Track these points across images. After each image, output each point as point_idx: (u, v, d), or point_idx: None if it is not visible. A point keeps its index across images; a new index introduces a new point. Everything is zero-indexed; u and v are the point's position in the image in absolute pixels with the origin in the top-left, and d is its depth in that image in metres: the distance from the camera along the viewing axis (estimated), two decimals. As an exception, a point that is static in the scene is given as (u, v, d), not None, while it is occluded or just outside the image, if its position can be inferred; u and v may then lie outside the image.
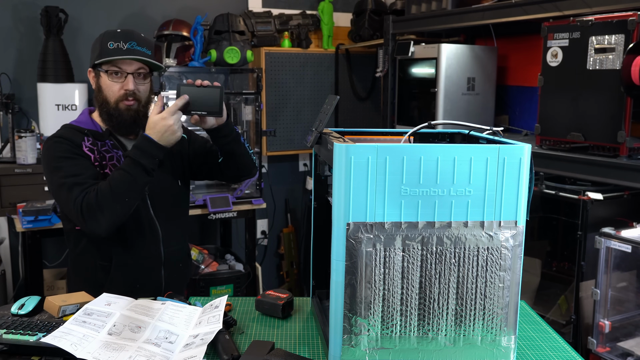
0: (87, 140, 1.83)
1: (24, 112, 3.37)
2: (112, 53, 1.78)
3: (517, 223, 1.26)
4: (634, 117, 2.18)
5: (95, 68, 1.84)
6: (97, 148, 1.83)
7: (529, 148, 1.25)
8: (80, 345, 1.30)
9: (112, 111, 1.83)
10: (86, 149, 1.81)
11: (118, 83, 1.82)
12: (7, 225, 3.20)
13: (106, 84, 1.82)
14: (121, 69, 1.81)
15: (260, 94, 3.59)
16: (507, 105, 3.41)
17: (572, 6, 2.36)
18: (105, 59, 1.78)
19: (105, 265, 1.86)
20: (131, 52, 1.80)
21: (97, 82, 1.85)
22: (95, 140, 1.84)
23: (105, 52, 1.79)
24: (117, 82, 1.81)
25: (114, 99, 1.82)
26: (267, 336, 1.51)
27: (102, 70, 1.82)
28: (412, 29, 3.39)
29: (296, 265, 4.24)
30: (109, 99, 1.82)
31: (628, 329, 2.25)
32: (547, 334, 1.57)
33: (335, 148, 1.21)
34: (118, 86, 1.81)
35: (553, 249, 2.80)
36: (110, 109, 1.83)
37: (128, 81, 1.81)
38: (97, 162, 1.81)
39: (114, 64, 1.80)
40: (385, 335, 1.27)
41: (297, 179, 4.29)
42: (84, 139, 1.82)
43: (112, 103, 1.82)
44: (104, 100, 1.83)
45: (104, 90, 1.83)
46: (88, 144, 1.82)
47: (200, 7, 3.74)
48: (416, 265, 1.25)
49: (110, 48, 1.79)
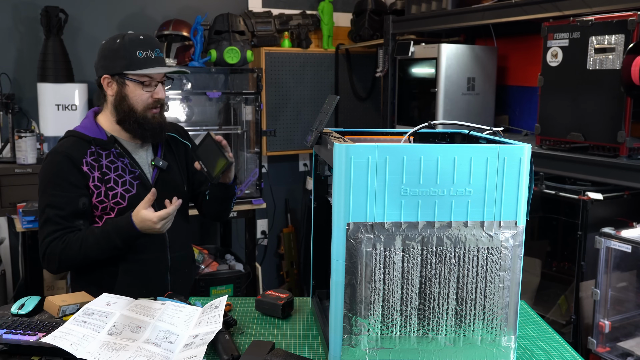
0: (91, 152, 1.82)
1: (24, 112, 3.37)
2: (143, 63, 1.80)
3: (517, 223, 1.26)
4: (634, 117, 2.18)
5: (117, 76, 1.82)
6: (101, 162, 1.83)
7: (529, 148, 1.25)
8: (80, 345, 1.30)
9: (140, 120, 1.83)
10: (86, 166, 1.81)
11: (148, 92, 1.83)
12: (7, 225, 3.20)
13: (135, 93, 1.82)
14: (152, 77, 1.82)
15: (260, 94, 3.59)
16: (507, 105, 3.41)
17: (572, 6, 2.36)
18: (139, 71, 1.79)
19: (112, 270, 1.86)
20: (159, 61, 1.83)
21: (120, 90, 1.83)
22: (99, 151, 1.84)
23: (136, 62, 1.79)
24: (147, 92, 1.83)
25: (142, 107, 1.83)
26: (267, 336, 1.52)
27: (131, 80, 1.81)
28: (412, 29, 3.38)
29: (296, 265, 4.24)
30: (136, 107, 1.82)
31: (628, 329, 2.25)
32: (547, 334, 1.57)
33: (335, 148, 1.21)
34: (148, 95, 1.83)
35: (553, 249, 2.79)
36: (139, 117, 1.83)
37: (159, 90, 1.84)
38: (94, 182, 1.81)
39: (145, 74, 1.81)
40: (385, 335, 1.27)
41: (297, 179, 4.29)
42: (87, 152, 1.82)
43: (141, 111, 1.83)
44: (130, 108, 1.83)
45: (130, 99, 1.82)
46: (90, 160, 1.82)
47: (200, 7, 3.74)
48: (416, 265, 1.25)
49: (140, 57, 1.79)
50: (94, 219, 1.85)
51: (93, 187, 1.81)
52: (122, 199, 1.84)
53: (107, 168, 1.83)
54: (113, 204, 1.83)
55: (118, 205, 1.83)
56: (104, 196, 1.82)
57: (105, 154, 1.85)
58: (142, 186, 1.87)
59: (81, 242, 1.76)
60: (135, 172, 1.87)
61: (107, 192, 1.82)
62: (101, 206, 1.83)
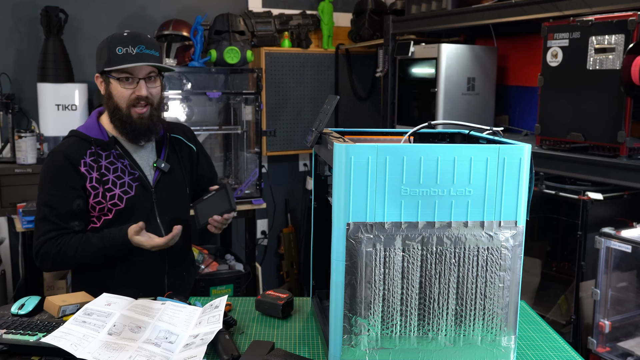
0: (90, 153, 1.82)
1: (24, 112, 3.37)
2: (121, 59, 1.76)
3: (517, 223, 1.26)
4: (634, 117, 2.18)
5: (103, 74, 1.82)
6: (100, 162, 1.83)
7: (529, 148, 1.25)
8: (80, 345, 1.30)
9: (124, 118, 1.82)
10: (84, 167, 1.81)
11: (129, 89, 1.80)
12: (7, 225, 3.21)
13: (117, 91, 1.80)
14: (132, 74, 1.79)
15: (260, 94, 3.59)
16: (507, 105, 3.41)
17: (572, 6, 2.36)
18: (116, 67, 1.76)
19: (109, 271, 1.86)
20: (141, 57, 1.78)
21: (106, 88, 1.82)
22: (99, 151, 1.83)
23: (115, 59, 1.77)
24: (128, 89, 1.80)
25: (125, 104, 1.81)
26: (267, 336, 1.51)
27: (112, 77, 1.80)
28: (412, 29, 3.38)
29: (296, 265, 4.24)
30: (120, 105, 1.81)
31: (628, 329, 2.25)
32: (547, 334, 1.57)
33: (335, 148, 1.21)
34: (129, 92, 1.80)
35: (553, 249, 2.79)
36: (123, 115, 1.82)
37: (140, 87, 1.80)
38: (92, 183, 1.81)
39: (125, 70, 1.78)
40: (385, 335, 1.27)
41: (297, 179, 4.28)
42: (86, 153, 1.82)
43: (124, 109, 1.81)
44: (115, 106, 1.82)
45: (114, 97, 1.81)
46: (89, 160, 1.81)
47: (200, 7, 3.74)
48: (416, 265, 1.25)
49: (119, 54, 1.76)
50: (92, 219, 1.85)
51: (90, 188, 1.81)
52: (119, 200, 1.83)
53: (106, 169, 1.83)
54: (110, 205, 1.82)
55: (116, 207, 1.83)
56: (101, 197, 1.81)
57: (105, 154, 1.84)
58: (142, 188, 1.87)
59: (76, 248, 1.78)
60: (134, 173, 1.86)
61: (105, 194, 1.81)
62: (98, 207, 1.82)
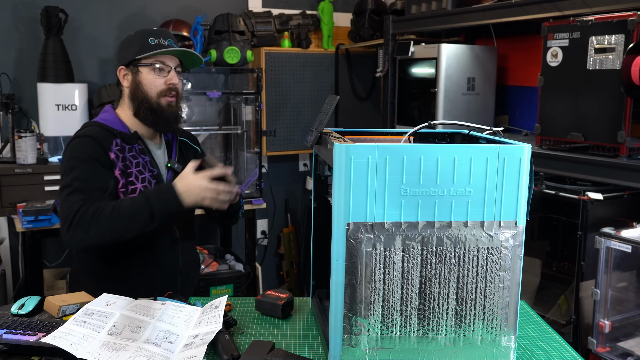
0: (116, 143, 1.79)
1: (24, 112, 3.37)
2: (155, 48, 1.80)
3: (517, 223, 1.26)
4: (634, 117, 2.18)
5: (130, 65, 1.83)
6: (124, 154, 1.80)
7: (529, 148, 1.25)
8: (80, 345, 1.30)
9: (155, 106, 1.82)
10: (113, 154, 1.77)
11: (162, 77, 1.82)
12: (7, 225, 3.20)
13: (148, 79, 1.82)
14: (164, 63, 1.82)
15: (260, 94, 3.59)
16: (507, 105, 3.41)
17: (572, 6, 2.36)
18: (152, 52, 1.79)
19: (125, 273, 1.84)
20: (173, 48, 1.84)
21: (134, 78, 1.83)
22: (123, 144, 1.81)
23: (149, 47, 1.80)
24: (160, 77, 1.82)
25: (156, 93, 1.82)
26: (267, 336, 1.51)
27: (143, 65, 1.81)
28: (412, 29, 3.38)
29: (296, 265, 4.24)
30: (150, 94, 1.82)
31: (628, 329, 2.25)
32: (547, 334, 1.57)
33: (335, 148, 1.21)
34: (162, 80, 1.82)
35: (553, 249, 2.79)
36: (153, 104, 1.82)
37: (172, 75, 1.83)
38: (119, 171, 1.77)
39: (158, 59, 1.81)
40: (385, 335, 1.27)
41: (297, 179, 4.29)
42: (112, 142, 1.79)
43: (155, 98, 1.82)
44: (144, 96, 1.82)
45: (144, 86, 1.82)
46: (115, 149, 1.78)
47: (200, 7, 3.74)
48: (416, 265, 1.25)
49: (152, 44, 1.80)
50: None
51: (118, 176, 1.78)
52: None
53: (130, 162, 1.80)
54: None
55: None
56: (124, 188, 1.78)
57: (128, 147, 1.82)
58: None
59: (114, 206, 1.65)
60: (154, 171, 1.86)
61: (127, 186, 1.78)
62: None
